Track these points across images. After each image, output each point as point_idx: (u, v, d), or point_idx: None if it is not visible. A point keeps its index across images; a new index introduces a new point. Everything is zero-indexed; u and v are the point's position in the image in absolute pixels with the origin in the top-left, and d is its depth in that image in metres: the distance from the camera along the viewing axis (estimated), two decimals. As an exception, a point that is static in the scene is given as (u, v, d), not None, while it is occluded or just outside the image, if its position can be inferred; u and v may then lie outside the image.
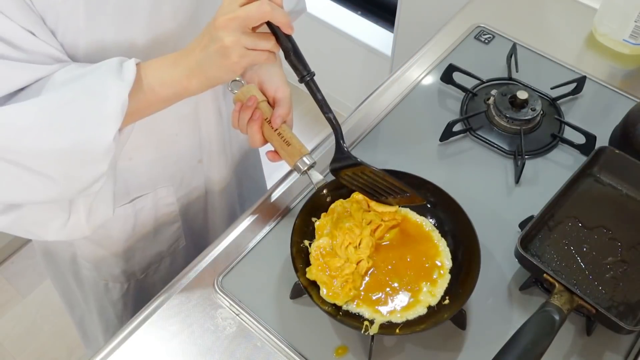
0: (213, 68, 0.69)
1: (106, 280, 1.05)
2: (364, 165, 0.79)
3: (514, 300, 0.84)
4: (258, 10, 0.66)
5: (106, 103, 0.67)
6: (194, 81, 0.71)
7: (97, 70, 0.68)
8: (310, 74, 0.75)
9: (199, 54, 0.69)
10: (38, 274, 1.99)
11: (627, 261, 0.84)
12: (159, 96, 0.72)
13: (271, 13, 0.67)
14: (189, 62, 0.70)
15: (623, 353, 0.80)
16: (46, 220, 0.75)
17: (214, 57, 0.68)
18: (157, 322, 0.82)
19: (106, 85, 0.67)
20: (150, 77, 0.71)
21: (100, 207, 0.78)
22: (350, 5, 2.17)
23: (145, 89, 0.71)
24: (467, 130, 1.03)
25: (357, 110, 1.08)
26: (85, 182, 0.71)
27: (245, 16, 0.66)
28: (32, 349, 1.86)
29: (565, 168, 0.98)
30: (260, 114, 0.81)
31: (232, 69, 0.69)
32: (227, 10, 0.67)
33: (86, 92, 0.67)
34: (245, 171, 1.16)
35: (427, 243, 0.84)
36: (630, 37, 1.13)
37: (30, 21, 0.65)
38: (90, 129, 0.67)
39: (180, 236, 1.07)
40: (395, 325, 0.77)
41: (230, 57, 0.68)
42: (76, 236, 0.79)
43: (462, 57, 1.14)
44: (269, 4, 0.66)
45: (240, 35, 0.67)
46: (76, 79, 0.68)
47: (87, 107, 0.67)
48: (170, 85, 0.71)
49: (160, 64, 0.72)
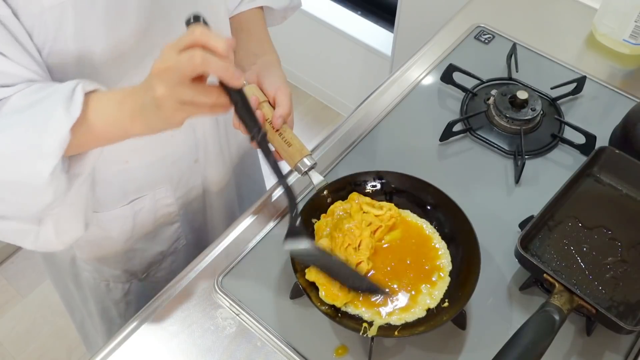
0: (151, 117, 0.64)
1: (107, 280, 1.05)
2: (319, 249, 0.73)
3: (514, 300, 0.84)
4: (188, 63, 0.59)
5: (45, 138, 0.65)
6: (137, 125, 0.66)
7: (47, 100, 0.66)
8: (262, 132, 0.69)
9: (141, 97, 0.64)
10: (38, 274, 1.99)
11: (627, 261, 0.84)
12: (101, 134, 0.69)
13: (202, 66, 0.59)
14: (133, 105, 0.65)
15: (623, 353, 0.80)
16: (21, 231, 0.76)
17: (150, 106, 0.63)
18: (157, 322, 0.82)
19: (50, 119, 0.65)
20: (96, 113, 0.67)
21: (69, 224, 0.78)
22: (350, 5, 2.17)
23: (89, 124, 0.67)
24: (467, 130, 1.03)
25: (357, 110, 1.08)
26: (36, 208, 0.71)
27: (176, 68, 0.59)
28: (32, 349, 1.86)
29: (565, 168, 0.98)
30: (261, 114, 0.81)
31: (168, 121, 0.64)
32: (162, 58, 0.61)
33: (28, 124, 0.66)
34: (243, 171, 1.16)
35: (427, 245, 0.84)
36: (630, 37, 1.13)
37: (1, 41, 0.65)
38: (26, 163, 0.66)
39: (180, 236, 1.07)
40: (394, 327, 0.77)
41: (163, 109, 0.62)
42: (50, 249, 0.80)
43: (462, 57, 1.14)
44: (202, 55, 0.58)
45: (173, 88, 0.60)
46: (25, 108, 0.66)
47: (26, 141, 0.65)
48: (113, 125, 0.68)
49: (109, 99, 0.68)
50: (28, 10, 0.65)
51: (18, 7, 0.65)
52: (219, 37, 0.60)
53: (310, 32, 2.21)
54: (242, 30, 0.93)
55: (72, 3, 0.66)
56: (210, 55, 0.59)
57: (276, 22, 1.03)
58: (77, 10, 0.67)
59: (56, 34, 0.68)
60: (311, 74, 2.41)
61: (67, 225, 0.78)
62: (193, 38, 0.59)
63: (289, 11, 1.02)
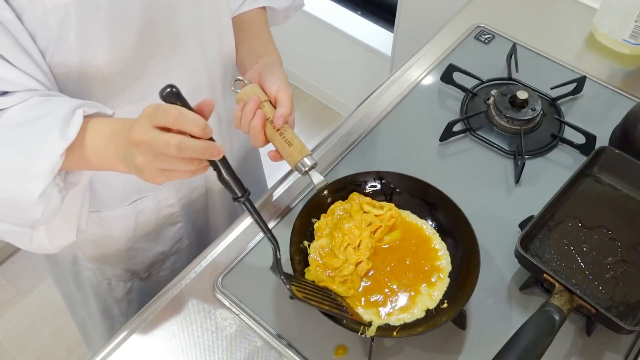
0: (134, 172, 0.66)
1: (109, 279, 1.05)
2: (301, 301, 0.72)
3: (514, 300, 0.84)
4: (164, 149, 0.60)
5: (37, 160, 0.65)
6: (120, 167, 0.68)
7: (45, 118, 0.66)
8: (246, 195, 0.71)
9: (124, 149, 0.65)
10: (38, 274, 1.99)
11: (627, 261, 0.84)
12: (89, 162, 0.70)
13: (179, 153, 0.60)
14: (117, 148, 0.67)
15: (623, 353, 0.80)
16: (16, 233, 0.76)
17: (132, 166, 0.65)
18: (157, 322, 0.82)
19: (44, 142, 0.65)
20: (87, 142, 0.68)
21: (62, 231, 0.78)
22: (350, 5, 2.17)
23: (83, 148, 0.68)
24: (467, 130, 1.03)
25: (357, 110, 1.08)
26: (27, 221, 0.72)
27: (153, 146, 0.61)
28: (32, 349, 1.86)
29: (565, 168, 0.98)
30: (263, 113, 0.81)
31: (151, 182, 0.66)
32: (139, 129, 0.61)
33: (22, 144, 0.66)
34: (245, 171, 1.16)
35: (427, 246, 0.84)
36: (630, 37, 1.13)
37: (3, 45, 0.65)
38: (18, 182, 0.66)
39: (182, 236, 1.07)
40: (393, 327, 0.77)
41: (144, 175, 0.64)
42: (44, 252, 0.80)
43: (462, 57, 1.14)
44: (176, 145, 0.60)
45: (152, 159, 0.62)
46: (21, 126, 0.67)
47: (18, 160, 0.66)
48: (101, 157, 0.69)
49: (99, 132, 0.69)
50: (32, 12, 0.65)
51: (22, 10, 0.65)
52: (194, 118, 0.61)
53: (310, 32, 2.21)
54: (244, 30, 0.93)
55: (75, 4, 0.66)
56: (185, 140, 0.60)
57: (278, 22, 1.04)
58: (80, 12, 0.67)
59: (59, 36, 0.68)
60: (311, 74, 2.41)
61: (59, 231, 0.78)
62: (167, 121, 0.60)
63: (291, 11, 1.02)
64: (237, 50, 0.92)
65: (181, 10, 0.78)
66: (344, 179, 0.88)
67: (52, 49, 0.70)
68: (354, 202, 0.86)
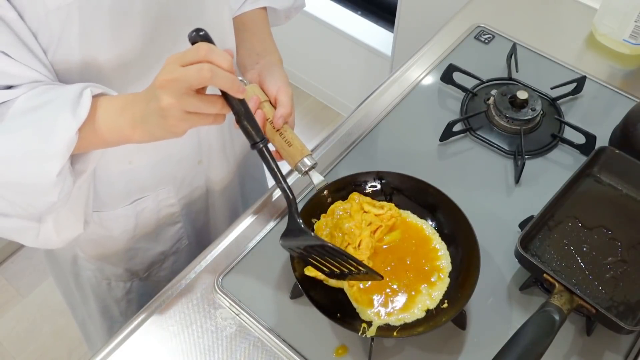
0: (154, 126, 0.66)
1: (109, 279, 1.05)
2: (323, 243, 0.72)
3: (514, 300, 0.84)
4: (197, 75, 0.61)
5: (52, 140, 0.66)
6: (137, 133, 0.68)
7: (54, 102, 0.67)
8: (264, 141, 0.71)
9: (143, 107, 0.66)
10: (38, 274, 1.99)
11: (627, 261, 0.84)
12: (102, 138, 0.70)
13: (211, 79, 0.61)
14: (134, 113, 0.67)
15: (623, 353, 0.80)
16: (22, 229, 0.77)
17: (153, 115, 0.65)
18: (157, 322, 0.82)
19: (57, 122, 0.66)
20: (99, 117, 0.69)
21: (68, 222, 0.79)
22: (350, 5, 2.17)
23: (95, 127, 0.69)
24: (467, 130, 1.03)
25: (357, 110, 1.08)
26: (40, 208, 0.72)
27: (184, 79, 0.61)
28: (32, 349, 1.86)
29: (565, 168, 0.98)
30: (263, 114, 0.81)
31: (171, 130, 0.66)
32: (167, 70, 0.63)
33: (35, 126, 0.67)
34: (247, 171, 1.16)
35: (427, 246, 0.84)
36: (630, 37, 1.13)
37: (3, 42, 0.65)
38: (34, 164, 0.67)
39: (182, 236, 1.07)
40: (393, 327, 0.77)
41: (168, 119, 0.64)
42: (50, 246, 0.80)
43: (462, 57, 1.14)
44: (210, 69, 0.61)
45: (179, 98, 0.62)
46: (31, 110, 0.67)
47: (33, 142, 0.67)
48: (113, 131, 0.70)
49: (111, 105, 0.70)
50: (33, 12, 0.65)
51: (23, 9, 0.65)
52: (223, 53, 0.63)
53: (310, 32, 2.21)
54: (245, 30, 0.93)
55: (77, 5, 0.67)
56: (217, 69, 0.62)
57: (279, 22, 1.04)
58: (82, 13, 0.67)
59: (61, 36, 0.69)
60: (311, 74, 2.41)
61: (66, 223, 0.78)
62: (199, 54, 0.62)
63: (293, 11, 1.02)
64: (238, 50, 0.92)
65: (182, 10, 0.78)
66: (344, 179, 0.88)
67: (53, 48, 0.70)
68: (354, 201, 0.86)
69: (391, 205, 0.86)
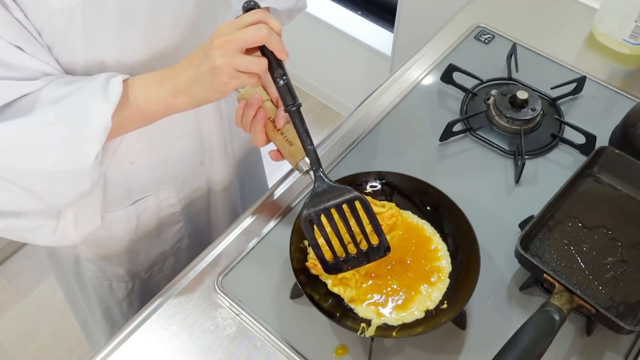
0: (202, 87, 0.70)
1: (110, 280, 1.05)
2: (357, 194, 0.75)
3: (514, 300, 0.84)
4: (256, 34, 0.67)
5: (89, 125, 0.67)
6: (180, 99, 0.71)
7: (83, 89, 0.68)
8: (297, 104, 0.74)
9: (189, 72, 0.70)
10: (38, 274, 1.99)
11: (627, 261, 0.84)
12: (144, 113, 0.73)
13: (268, 37, 0.68)
14: (177, 81, 0.71)
15: (623, 353, 0.80)
16: (36, 227, 0.77)
17: (204, 76, 0.69)
18: (157, 322, 0.83)
19: (90, 107, 0.68)
20: (137, 94, 0.72)
21: (87, 216, 0.80)
22: (350, 5, 2.17)
23: (131, 105, 0.72)
24: (467, 130, 1.03)
25: (357, 110, 1.08)
26: (69, 198, 0.72)
27: (243, 38, 0.67)
28: (32, 349, 1.86)
29: (565, 168, 0.98)
30: (264, 113, 0.81)
31: (221, 89, 0.69)
32: (224, 32, 0.68)
33: (69, 113, 0.68)
34: (247, 170, 1.16)
35: (427, 246, 0.84)
36: (630, 37, 1.13)
37: (18, 37, 0.65)
38: (72, 150, 0.68)
39: (183, 236, 1.07)
40: (392, 327, 0.77)
41: (220, 77, 0.68)
42: (66, 243, 0.81)
43: (462, 57, 1.14)
44: (266, 28, 0.68)
45: (233, 56, 0.67)
46: (61, 99, 0.68)
47: (69, 128, 0.67)
48: (155, 102, 0.72)
49: (146, 81, 0.72)
50: (36, 13, 0.66)
51: (27, 10, 0.65)
52: (275, 18, 0.70)
53: (310, 32, 2.21)
54: None
55: (81, 7, 0.67)
56: (272, 30, 0.69)
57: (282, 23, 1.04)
58: (86, 14, 0.68)
59: (65, 36, 0.69)
60: (311, 74, 2.41)
61: (86, 216, 0.79)
62: (256, 16, 0.69)
63: (294, 12, 1.02)
64: None
65: (185, 11, 0.78)
66: (344, 179, 0.88)
67: (57, 48, 0.70)
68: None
69: (392, 205, 0.86)
